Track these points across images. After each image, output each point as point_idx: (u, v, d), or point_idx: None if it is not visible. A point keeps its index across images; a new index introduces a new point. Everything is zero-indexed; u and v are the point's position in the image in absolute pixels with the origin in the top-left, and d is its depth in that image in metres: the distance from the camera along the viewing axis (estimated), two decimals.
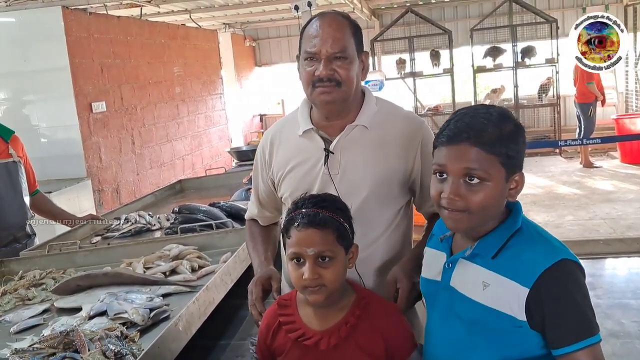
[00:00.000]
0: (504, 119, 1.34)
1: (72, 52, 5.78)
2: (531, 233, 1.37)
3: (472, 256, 1.39)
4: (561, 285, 1.29)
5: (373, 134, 1.77)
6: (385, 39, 10.47)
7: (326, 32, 1.68)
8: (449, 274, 1.45)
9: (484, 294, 1.36)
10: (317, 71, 1.68)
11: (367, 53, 1.81)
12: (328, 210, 1.51)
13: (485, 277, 1.36)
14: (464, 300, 1.40)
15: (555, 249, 1.32)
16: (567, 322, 1.29)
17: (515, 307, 1.31)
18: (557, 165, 9.23)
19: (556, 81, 9.87)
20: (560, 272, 1.29)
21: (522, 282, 1.30)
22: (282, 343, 1.59)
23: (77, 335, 1.64)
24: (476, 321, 1.38)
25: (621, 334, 3.75)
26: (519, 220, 1.38)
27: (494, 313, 1.33)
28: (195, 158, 8.57)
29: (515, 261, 1.33)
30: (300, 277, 1.49)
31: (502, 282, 1.33)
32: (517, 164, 1.35)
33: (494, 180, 1.31)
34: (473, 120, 1.34)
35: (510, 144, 1.32)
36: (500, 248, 1.36)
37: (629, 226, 5.82)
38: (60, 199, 5.31)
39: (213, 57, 9.62)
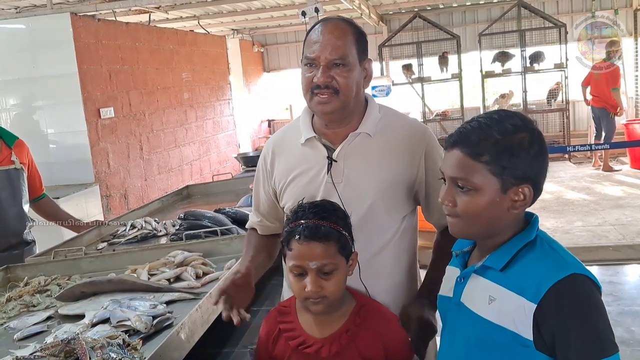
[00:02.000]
0: (513, 131, 1.28)
1: (80, 58, 5.82)
2: (544, 247, 1.31)
3: (483, 269, 1.35)
4: (571, 301, 1.21)
5: (376, 142, 1.76)
6: (393, 44, 10.46)
7: (327, 38, 1.67)
8: (461, 289, 1.40)
9: (489, 308, 1.30)
10: (315, 78, 1.67)
11: (370, 60, 1.79)
12: (329, 220, 1.50)
13: (492, 291, 1.31)
14: (471, 316, 1.35)
15: (566, 263, 1.25)
16: (577, 340, 1.19)
17: (520, 323, 1.24)
18: (566, 170, 9.18)
19: (565, 86, 9.82)
20: (569, 287, 1.21)
21: (529, 298, 1.23)
22: (282, 350, 1.59)
23: (78, 343, 1.63)
24: (480, 339, 1.32)
25: (631, 342, 3.72)
26: (532, 233, 1.32)
27: (497, 329, 1.27)
28: (203, 164, 8.59)
29: (523, 275, 1.27)
30: (302, 289, 1.48)
31: (509, 296, 1.27)
32: (518, 176, 1.27)
33: (484, 189, 1.28)
34: (474, 128, 1.30)
35: (507, 155, 1.26)
36: (510, 260, 1.30)
37: (638, 232, 5.77)
38: (68, 205, 5.33)
39: (221, 62, 9.64)
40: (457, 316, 1.40)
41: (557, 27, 9.76)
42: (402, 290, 1.82)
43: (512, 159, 1.26)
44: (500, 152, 1.26)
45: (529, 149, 1.27)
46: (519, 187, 1.28)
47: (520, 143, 1.27)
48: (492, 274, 1.32)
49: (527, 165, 1.28)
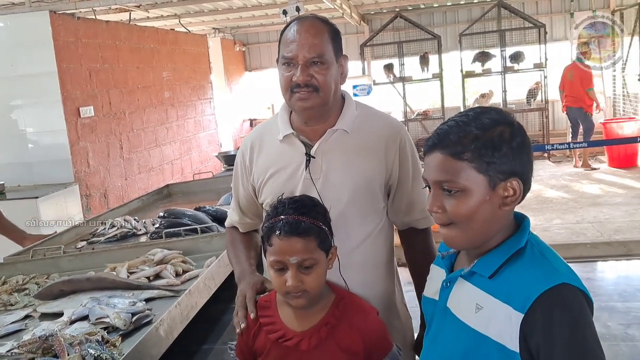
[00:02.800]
0: (491, 125, 1.23)
1: (60, 57, 5.77)
2: (534, 253, 1.24)
3: (470, 275, 1.29)
4: (559, 312, 1.13)
5: (353, 138, 1.78)
6: (375, 44, 10.50)
7: (303, 37, 1.68)
8: (447, 293, 1.35)
9: (476, 317, 1.24)
10: (294, 77, 1.68)
11: (346, 57, 1.81)
12: (309, 216, 1.51)
13: (479, 299, 1.25)
14: (457, 323, 1.29)
15: (557, 272, 1.19)
16: (565, 353, 1.12)
17: (506, 334, 1.18)
18: (545, 169, 9.28)
19: (544, 86, 9.93)
20: (558, 297, 1.14)
21: (516, 307, 1.16)
22: (262, 344, 1.60)
23: (56, 339, 1.63)
24: (466, 349, 1.26)
25: (607, 337, 3.78)
26: (523, 239, 1.26)
27: (483, 340, 1.22)
28: (185, 163, 8.55)
29: (511, 283, 1.21)
30: (283, 284, 1.50)
31: (496, 305, 1.21)
32: (504, 170, 1.22)
33: (471, 189, 1.22)
34: (451, 128, 1.25)
35: (489, 150, 1.21)
36: (499, 268, 1.24)
37: (616, 229, 5.86)
38: (47, 204, 5.30)
39: (202, 61, 9.61)
40: (443, 321, 1.35)
41: (537, 28, 9.86)
42: (380, 284, 1.84)
43: (495, 153, 1.21)
44: (481, 148, 1.21)
45: (511, 142, 1.23)
46: (507, 182, 1.23)
47: (501, 136, 1.23)
48: (480, 281, 1.27)
49: (512, 158, 1.22)
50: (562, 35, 10.72)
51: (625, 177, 8.24)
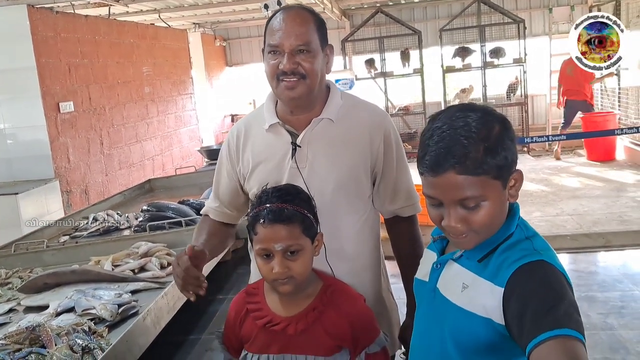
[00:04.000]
0: (486, 127, 1.23)
1: (38, 52, 5.70)
2: (520, 238, 1.29)
3: (460, 257, 1.34)
4: (530, 280, 1.17)
5: (339, 127, 1.79)
6: (356, 39, 10.51)
7: (290, 25, 1.68)
8: (437, 275, 1.39)
9: (461, 295, 1.29)
10: (280, 64, 1.68)
11: (332, 46, 1.82)
12: (292, 203, 1.52)
13: (465, 279, 1.30)
14: (445, 303, 1.33)
15: (536, 251, 1.23)
16: (533, 313, 1.13)
17: (491, 309, 1.22)
18: (525, 163, 9.35)
19: (524, 81, 10.02)
20: (532, 269, 1.19)
21: (497, 283, 1.22)
22: (249, 330, 1.61)
23: (43, 330, 1.62)
24: (455, 327, 1.30)
25: (587, 326, 3.80)
26: (513, 225, 1.30)
27: (469, 316, 1.26)
28: (166, 159, 8.50)
29: (496, 264, 1.26)
30: (269, 271, 1.51)
31: (480, 283, 1.26)
32: (510, 167, 1.25)
33: (491, 196, 1.24)
34: (452, 142, 1.22)
35: (497, 154, 1.22)
36: (488, 253, 1.28)
37: (594, 221, 5.93)
38: (27, 201, 5.24)
39: (183, 56, 9.55)
40: (433, 302, 1.39)
41: (516, 23, 9.94)
42: (367, 272, 1.86)
43: (501, 155, 1.22)
44: (493, 156, 1.21)
45: (508, 137, 1.25)
46: (513, 175, 1.27)
47: (501, 136, 1.23)
48: (468, 263, 1.31)
49: (512, 152, 1.25)
50: (541, 31, 10.82)
51: (604, 170, 8.35)
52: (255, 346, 1.61)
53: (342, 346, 1.58)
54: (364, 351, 1.60)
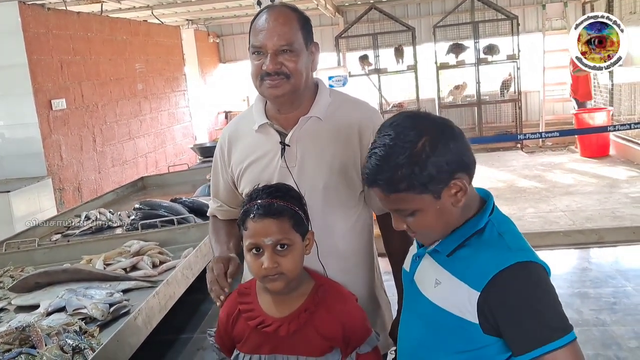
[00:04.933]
0: (406, 146, 1.25)
1: (30, 49, 5.67)
2: (492, 234, 1.31)
3: (433, 252, 1.38)
4: (512, 291, 1.22)
5: (327, 125, 1.78)
6: (350, 35, 10.50)
7: (272, 25, 1.68)
8: (415, 267, 1.45)
9: (435, 291, 1.34)
10: (264, 65, 1.68)
11: (317, 44, 1.81)
12: (282, 199, 1.52)
13: (438, 275, 1.34)
14: (419, 296, 1.39)
15: (510, 252, 1.26)
16: (522, 327, 1.21)
17: (464, 309, 1.26)
18: (518, 159, 9.38)
19: (517, 77, 10.03)
20: (511, 277, 1.22)
21: (473, 285, 1.25)
22: (241, 330, 1.60)
23: (33, 330, 1.61)
24: (429, 320, 1.35)
25: (580, 322, 3.85)
26: (482, 220, 1.33)
27: (442, 313, 1.30)
28: (159, 156, 8.48)
29: (467, 262, 1.29)
30: (259, 266, 1.50)
31: (453, 282, 1.29)
32: (442, 178, 1.26)
33: (422, 207, 1.28)
34: (378, 162, 1.27)
35: (418, 172, 1.24)
36: (457, 247, 1.32)
37: (587, 218, 5.95)
38: (20, 199, 5.22)
39: (176, 53, 9.52)
40: (410, 292, 1.45)
41: (510, 19, 9.95)
42: (359, 270, 1.86)
43: (425, 171, 1.24)
44: (413, 175, 1.24)
45: (435, 150, 1.25)
46: (450, 185, 1.27)
47: (424, 151, 1.24)
48: (440, 257, 1.35)
49: (444, 163, 1.25)
50: (535, 27, 10.83)
51: (597, 166, 8.37)
52: (247, 346, 1.61)
53: (334, 346, 1.57)
54: (355, 351, 1.59)
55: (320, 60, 1.84)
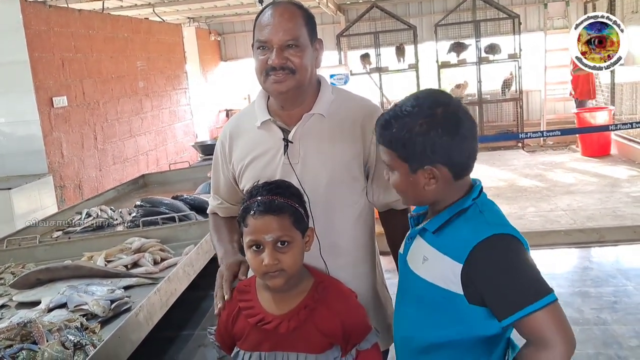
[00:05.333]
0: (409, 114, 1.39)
1: (31, 46, 5.66)
2: (474, 212, 1.41)
3: (423, 231, 1.48)
4: (491, 260, 1.32)
5: (330, 122, 1.78)
6: (351, 34, 10.49)
7: (278, 20, 1.67)
8: (407, 247, 1.54)
9: (423, 267, 1.43)
10: (269, 60, 1.67)
11: (321, 41, 1.81)
12: (282, 196, 1.52)
13: (425, 252, 1.44)
14: (410, 274, 1.48)
15: (488, 225, 1.36)
16: (501, 293, 1.31)
17: (450, 281, 1.36)
18: (519, 158, 9.37)
19: (518, 76, 10.02)
20: (489, 248, 1.32)
21: (456, 258, 1.35)
22: (241, 328, 1.60)
23: (35, 326, 1.61)
24: (420, 296, 1.44)
25: (580, 321, 3.85)
26: (467, 201, 1.42)
27: (430, 287, 1.40)
28: (160, 154, 8.48)
29: (451, 238, 1.39)
30: (259, 263, 1.50)
31: (438, 257, 1.39)
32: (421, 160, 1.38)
33: (397, 171, 1.44)
34: (387, 116, 1.45)
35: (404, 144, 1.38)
36: (442, 225, 1.41)
37: (588, 217, 5.95)
38: (21, 196, 5.22)
39: (177, 51, 9.52)
40: (404, 272, 1.54)
41: (511, 18, 9.94)
42: (361, 267, 1.85)
43: (410, 145, 1.38)
44: (398, 142, 1.40)
45: (428, 134, 1.36)
46: (425, 169, 1.39)
47: (419, 130, 1.37)
48: (428, 236, 1.45)
49: (429, 148, 1.36)
50: (536, 26, 10.83)
51: (598, 165, 8.37)
52: (247, 344, 1.61)
53: (334, 343, 1.57)
54: (355, 348, 1.59)
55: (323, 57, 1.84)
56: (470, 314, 1.36)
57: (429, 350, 1.45)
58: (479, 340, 1.39)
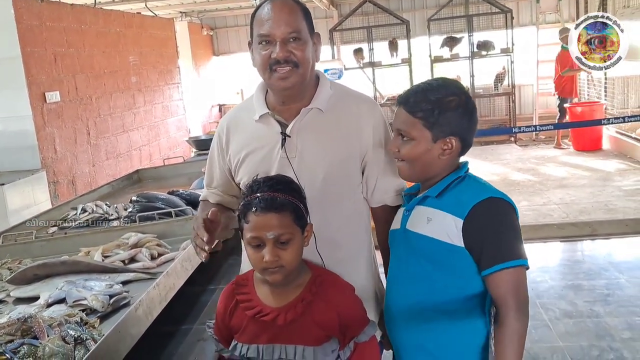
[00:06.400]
0: (440, 90, 1.62)
1: (23, 41, 5.63)
2: (471, 180, 1.65)
3: (424, 199, 1.66)
4: (485, 217, 1.54)
5: (328, 117, 1.79)
6: (344, 28, 10.49)
7: (278, 14, 1.68)
8: (406, 219, 1.69)
9: (427, 226, 1.61)
10: (273, 53, 1.67)
11: (318, 34, 1.82)
12: (284, 192, 1.53)
13: (429, 214, 1.62)
14: (415, 236, 1.64)
15: (486, 189, 1.61)
16: (490, 246, 1.53)
17: (452, 235, 1.55)
18: (512, 152, 9.42)
19: (511, 70, 10.06)
20: (486, 207, 1.55)
21: (457, 214, 1.56)
22: (239, 320, 1.61)
23: (35, 321, 1.62)
24: (425, 253, 1.61)
25: (574, 314, 3.89)
26: (462, 171, 1.66)
27: (434, 242, 1.58)
28: (153, 149, 8.46)
29: (453, 199, 1.60)
30: (260, 259, 1.51)
31: (442, 216, 1.59)
32: (445, 130, 1.60)
33: (418, 139, 1.62)
34: (413, 90, 1.66)
35: (436, 112, 1.59)
36: (444, 189, 1.62)
37: (581, 210, 6.00)
38: (14, 191, 5.20)
39: (170, 46, 9.48)
40: (406, 240, 1.68)
41: (504, 13, 9.97)
42: (358, 260, 1.87)
43: (440, 116, 1.59)
44: (431, 110, 1.59)
45: (455, 110, 1.61)
46: (447, 139, 1.61)
47: (448, 104, 1.60)
48: (430, 201, 1.64)
49: (454, 122, 1.61)
50: (529, 21, 10.87)
51: (590, 159, 8.42)
52: (245, 336, 1.62)
53: (331, 336, 1.59)
54: (353, 340, 1.61)
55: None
56: (468, 267, 1.57)
57: (432, 311, 1.61)
58: (474, 296, 1.59)
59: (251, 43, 1.76)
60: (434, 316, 1.61)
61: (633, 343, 3.49)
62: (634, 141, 8.21)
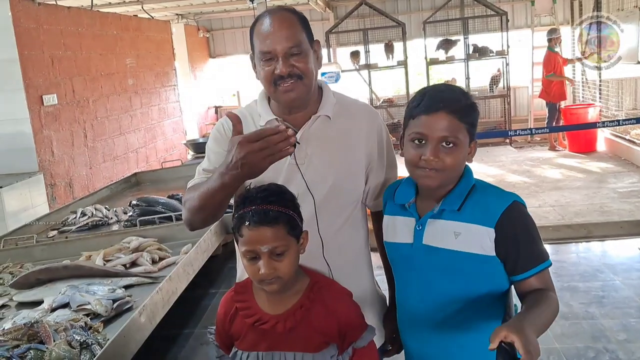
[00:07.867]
0: (466, 94, 1.61)
1: (21, 44, 5.64)
2: (483, 185, 1.63)
3: (440, 213, 1.60)
4: (515, 224, 1.53)
5: (336, 124, 1.81)
6: (340, 31, 10.51)
7: (278, 29, 1.68)
8: (421, 234, 1.62)
9: (457, 241, 1.57)
10: (276, 70, 1.68)
11: (319, 41, 1.83)
12: (277, 204, 1.52)
13: (455, 228, 1.57)
14: (440, 252, 1.59)
15: (504, 194, 1.59)
16: (524, 253, 1.53)
17: (486, 246, 1.54)
18: (507, 154, 9.45)
19: (506, 73, 10.09)
20: (514, 212, 1.54)
21: (487, 224, 1.53)
22: (239, 328, 1.62)
23: (41, 326, 1.63)
24: (454, 268, 1.59)
25: (569, 315, 3.91)
26: (472, 179, 1.63)
27: (468, 256, 1.56)
28: (150, 151, 8.46)
29: (477, 209, 1.56)
30: (256, 272, 1.51)
31: (471, 228, 1.56)
32: (474, 132, 1.60)
33: (462, 144, 1.56)
34: (447, 94, 1.58)
35: (471, 115, 1.58)
36: (464, 201, 1.58)
37: (576, 212, 6.02)
38: (11, 194, 5.20)
39: (166, 48, 9.49)
40: (427, 256, 1.62)
41: (499, 15, 10.00)
42: (362, 265, 1.90)
43: (474, 116, 1.59)
44: (471, 115, 1.58)
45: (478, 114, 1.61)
46: (472, 142, 1.61)
47: (474, 107, 1.60)
48: (451, 215, 1.59)
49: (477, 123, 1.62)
50: (524, 23, 10.91)
51: (585, 161, 8.46)
52: (245, 344, 1.63)
53: (330, 342, 1.60)
54: (352, 346, 1.62)
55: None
56: (499, 272, 1.57)
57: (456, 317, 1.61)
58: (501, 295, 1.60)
59: (253, 56, 1.77)
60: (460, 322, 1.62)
61: (628, 344, 3.51)
62: (628, 143, 8.25)
